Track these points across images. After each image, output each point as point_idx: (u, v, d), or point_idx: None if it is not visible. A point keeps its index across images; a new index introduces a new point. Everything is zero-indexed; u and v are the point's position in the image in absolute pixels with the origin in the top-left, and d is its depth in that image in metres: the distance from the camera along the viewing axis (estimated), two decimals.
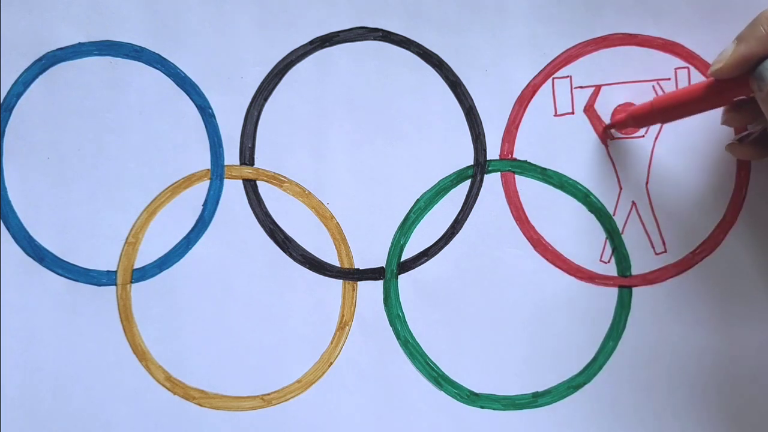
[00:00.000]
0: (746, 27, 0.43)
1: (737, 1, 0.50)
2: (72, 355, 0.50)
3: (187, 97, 0.50)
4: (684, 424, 0.50)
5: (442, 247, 0.51)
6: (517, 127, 0.50)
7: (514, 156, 0.51)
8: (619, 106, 0.51)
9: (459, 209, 0.51)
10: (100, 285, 0.50)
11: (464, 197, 0.51)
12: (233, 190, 0.50)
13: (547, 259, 0.50)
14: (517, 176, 0.51)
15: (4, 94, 0.50)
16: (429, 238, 0.51)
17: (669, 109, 0.46)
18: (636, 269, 0.50)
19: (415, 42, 0.50)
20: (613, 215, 0.50)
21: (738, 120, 0.47)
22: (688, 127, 0.50)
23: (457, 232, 0.51)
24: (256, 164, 0.50)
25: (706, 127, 0.51)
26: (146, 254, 0.50)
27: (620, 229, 0.50)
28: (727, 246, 0.50)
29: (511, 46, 0.50)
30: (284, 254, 0.50)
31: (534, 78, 0.50)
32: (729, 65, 0.43)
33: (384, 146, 0.50)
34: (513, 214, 0.51)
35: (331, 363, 0.50)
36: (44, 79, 0.50)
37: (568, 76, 0.51)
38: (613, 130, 0.50)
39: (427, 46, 0.50)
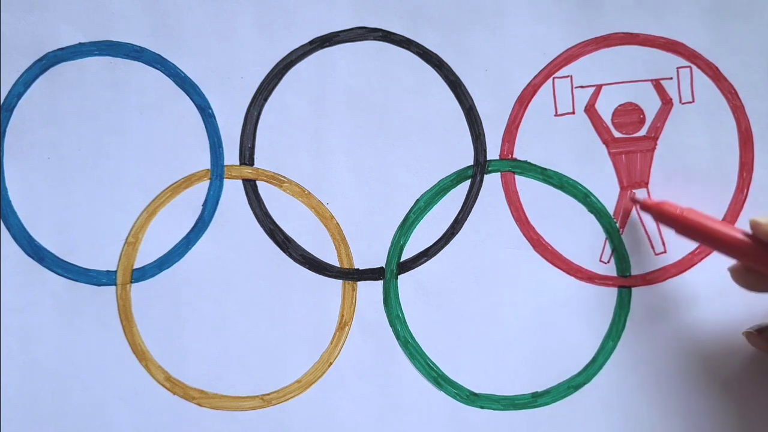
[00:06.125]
0: None
1: None
2: (72, 355, 0.50)
3: (187, 97, 0.50)
4: (684, 424, 0.50)
5: (442, 247, 0.51)
6: (517, 127, 0.50)
7: (514, 156, 0.50)
8: (620, 105, 0.51)
9: (459, 209, 0.51)
10: (99, 285, 0.50)
11: (464, 197, 0.51)
12: (233, 190, 0.50)
13: (547, 259, 0.50)
14: (517, 176, 0.50)
15: (4, 94, 0.50)
16: (429, 238, 0.51)
17: (692, 230, 0.46)
18: (635, 269, 0.50)
19: (415, 42, 0.50)
20: (613, 215, 0.50)
21: (745, 282, 0.46)
22: (689, 127, 0.50)
23: (457, 232, 0.50)
24: (256, 164, 0.50)
25: (708, 128, 0.50)
26: (146, 254, 0.50)
27: (620, 230, 0.50)
28: None
29: (511, 46, 0.50)
30: (284, 254, 0.50)
31: (534, 78, 0.50)
32: None
33: (384, 146, 0.50)
34: (513, 214, 0.50)
35: (331, 363, 0.50)
36: (45, 79, 0.50)
37: (568, 76, 0.51)
38: (613, 129, 0.50)
39: (427, 46, 0.50)
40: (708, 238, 0.45)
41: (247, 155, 0.50)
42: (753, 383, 0.50)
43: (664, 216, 0.47)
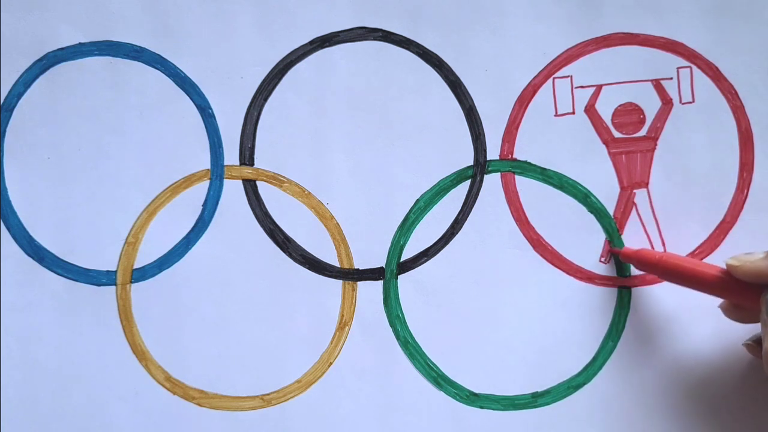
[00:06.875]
0: None
1: None
2: (72, 355, 0.50)
3: (187, 97, 0.50)
4: (684, 424, 0.50)
5: (442, 247, 0.50)
6: (517, 127, 0.50)
7: (514, 156, 0.50)
8: (620, 105, 0.51)
9: (459, 209, 0.51)
10: (99, 285, 0.50)
11: (464, 197, 0.51)
12: (233, 190, 0.50)
13: (546, 259, 0.50)
14: (517, 176, 0.50)
15: (4, 94, 0.50)
16: (429, 238, 0.51)
17: (672, 273, 0.46)
18: (635, 269, 0.50)
19: (415, 42, 0.50)
20: (613, 215, 0.50)
21: (737, 316, 0.47)
22: (689, 127, 0.50)
23: (457, 232, 0.50)
24: (256, 164, 0.50)
25: (708, 128, 0.50)
26: (146, 254, 0.50)
27: (620, 230, 0.50)
28: (727, 247, 0.50)
29: (511, 46, 0.50)
30: (284, 254, 0.50)
31: (534, 78, 0.50)
32: (747, 271, 0.43)
33: (384, 146, 0.50)
34: (513, 215, 0.50)
35: (331, 363, 0.50)
36: (45, 79, 0.50)
37: (568, 76, 0.51)
38: (613, 129, 0.50)
39: (427, 46, 0.50)
40: (690, 281, 0.45)
41: (247, 155, 0.50)
42: (752, 383, 0.50)
43: (643, 263, 0.47)
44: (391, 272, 0.50)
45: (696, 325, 0.50)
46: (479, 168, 0.51)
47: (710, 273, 0.45)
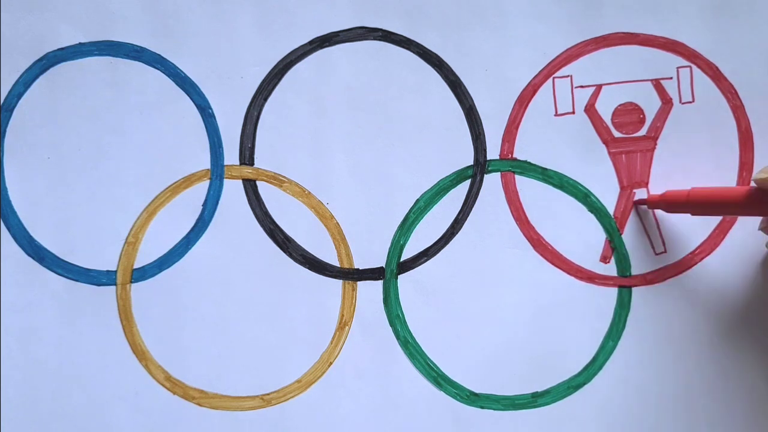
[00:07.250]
0: None
1: None
2: (72, 355, 0.50)
3: (187, 97, 0.50)
4: (683, 424, 0.50)
5: (442, 247, 0.51)
6: (517, 127, 0.50)
7: (514, 156, 0.51)
8: (620, 105, 0.51)
9: (459, 209, 0.51)
10: (99, 285, 0.50)
11: (464, 197, 0.51)
12: (233, 190, 0.50)
13: (547, 259, 0.50)
14: (517, 176, 0.50)
15: (4, 94, 0.50)
16: (429, 238, 0.51)
17: (704, 205, 0.45)
18: (636, 269, 0.50)
19: (415, 42, 0.50)
20: (613, 215, 0.50)
21: None
22: (689, 127, 0.50)
23: (457, 232, 0.50)
24: (256, 164, 0.50)
25: (709, 127, 0.50)
26: (146, 254, 0.50)
27: (620, 229, 0.50)
28: (727, 247, 0.50)
29: (511, 46, 0.50)
30: (284, 254, 0.50)
31: (534, 78, 0.50)
32: None
33: (384, 146, 0.50)
34: (513, 214, 0.50)
35: (331, 363, 0.50)
36: (45, 79, 0.50)
37: (568, 76, 0.51)
38: (613, 129, 0.50)
39: (427, 46, 0.50)
40: (722, 207, 0.45)
41: (247, 155, 0.50)
42: (752, 383, 0.50)
43: (673, 204, 0.47)
44: (391, 272, 0.50)
45: (696, 324, 0.50)
46: (479, 168, 0.51)
47: (740, 193, 0.44)
